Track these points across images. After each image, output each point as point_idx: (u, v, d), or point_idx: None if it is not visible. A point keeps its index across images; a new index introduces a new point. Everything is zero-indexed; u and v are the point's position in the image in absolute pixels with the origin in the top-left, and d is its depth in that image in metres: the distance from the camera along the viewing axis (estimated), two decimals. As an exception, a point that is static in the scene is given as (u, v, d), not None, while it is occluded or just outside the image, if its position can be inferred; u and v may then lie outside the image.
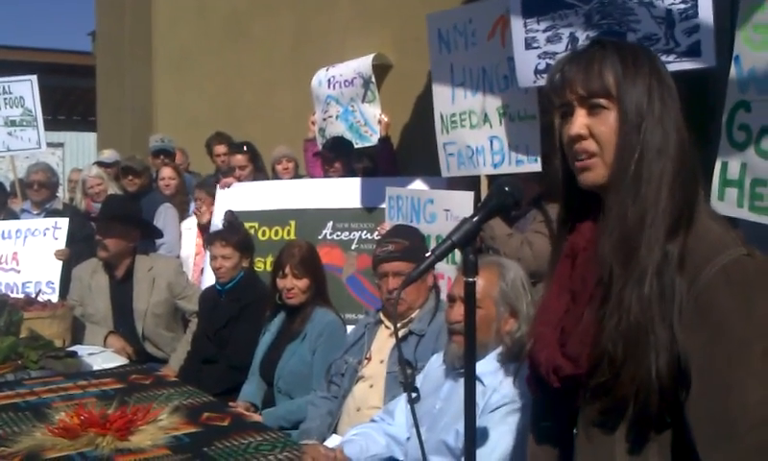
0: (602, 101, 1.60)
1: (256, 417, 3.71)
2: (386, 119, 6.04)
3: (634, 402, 1.51)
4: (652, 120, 1.57)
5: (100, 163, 7.34)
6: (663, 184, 1.55)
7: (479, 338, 2.64)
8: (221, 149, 7.36)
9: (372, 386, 3.43)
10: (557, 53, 3.84)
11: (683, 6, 3.42)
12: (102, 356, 4.44)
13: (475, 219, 1.77)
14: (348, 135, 6.27)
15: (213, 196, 6.34)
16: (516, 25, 4.08)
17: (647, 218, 1.54)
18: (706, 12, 3.38)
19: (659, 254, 1.51)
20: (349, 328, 4.14)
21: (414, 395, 2.09)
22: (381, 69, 6.43)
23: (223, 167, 7.21)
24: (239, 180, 6.40)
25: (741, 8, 3.33)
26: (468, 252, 1.75)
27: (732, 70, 3.36)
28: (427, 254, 1.78)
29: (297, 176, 6.68)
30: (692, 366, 1.46)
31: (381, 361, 3.46)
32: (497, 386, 2.59)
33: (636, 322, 1.50)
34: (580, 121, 1.62)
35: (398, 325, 3.46)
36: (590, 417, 1.60)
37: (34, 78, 7.47)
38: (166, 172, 7.10)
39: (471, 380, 1.80)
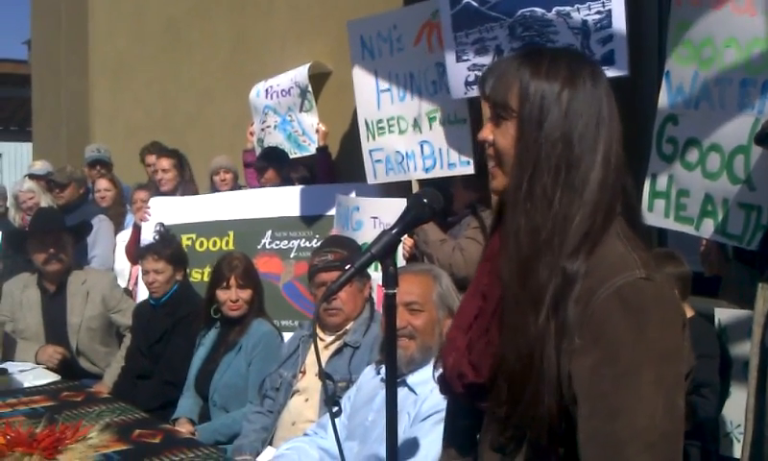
0: (504, 112, 1.56)
1: (186, 431, 3.66)
2: (323, 128, 6.02)
3: (529, 432, 1.49)
4: (553, 136, 1.50)
5: (32, 176, 7.19)
6: (558, 203, 1.48)
7: (425, 341, 2.68)
8: (152, 159, 7.20)
9: (307, 400, 3.42)
10: (484, 65, 3.93)
11: (597, 16, 3.52)
12: (33, 373, 4.33)
13: (394, 231, 1.76)
14: (287, 145, 6.23)
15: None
16: (448, 38, 4.16)
17: (541, 239, 1.48)
18: (619, 22, 3.48)
19: (557, 278, 1.46)
20: (286, 336, 4.12)
21: (335, 409, 2.10)
22: (320, 77, 6.41)
23: (154, 177, 7.12)
24: (161, 184, 6.34)
25: (671, 26, 3.44)
26: (388, 264, 1.75)
27: (663, 85, 3.46)
28: (347, 267, 1.78)
29: (236, 187, 6.59)
30: (581, 387, 1.42)
31: (316, 374, 3.44)
32: (428, 395, 2.60)
33: (528, 352, 1.47)
34: (488, 128, 1.61)
35: (333, 336, 3.48)
36: (491, 436, 1.59)
37: None
38: (102, 184, 7.01)
39: (393, 391, 1.81)
